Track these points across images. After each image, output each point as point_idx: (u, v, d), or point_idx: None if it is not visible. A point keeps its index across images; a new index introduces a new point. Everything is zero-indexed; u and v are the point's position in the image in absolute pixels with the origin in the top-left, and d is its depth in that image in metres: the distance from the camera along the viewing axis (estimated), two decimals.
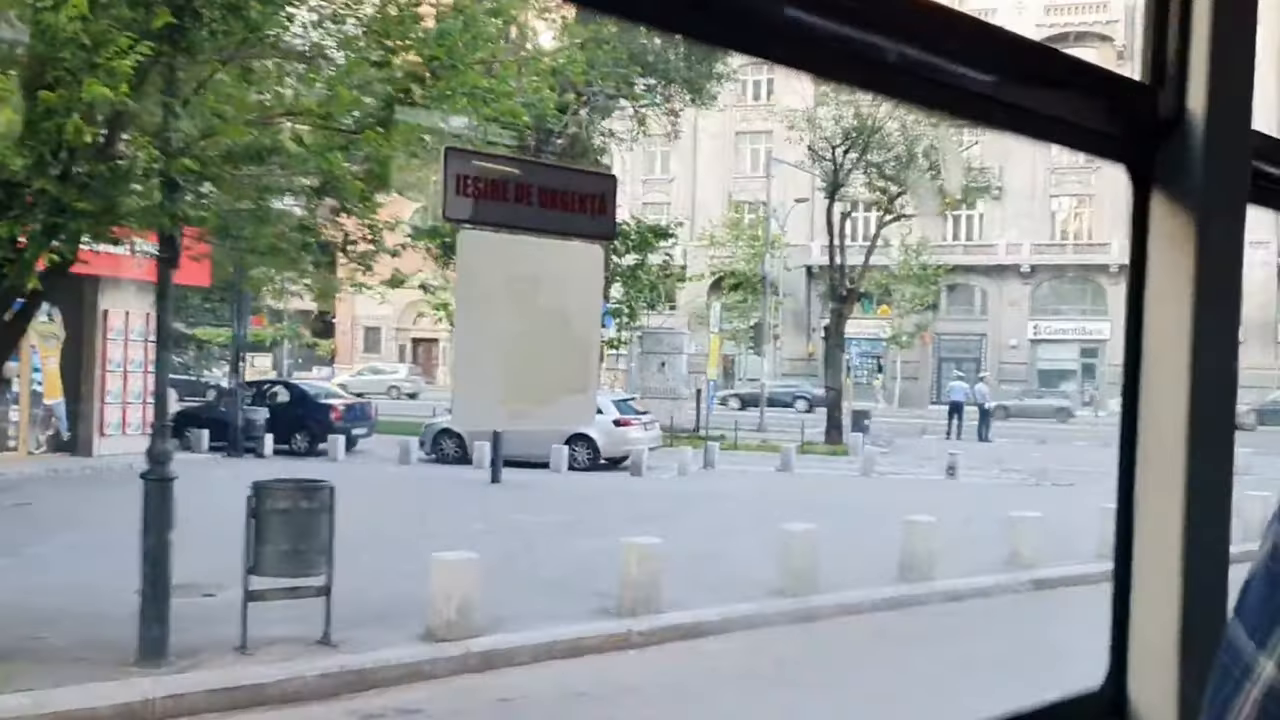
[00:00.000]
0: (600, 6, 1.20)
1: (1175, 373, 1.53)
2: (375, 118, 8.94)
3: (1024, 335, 57.07)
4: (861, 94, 23.01)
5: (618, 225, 28.64)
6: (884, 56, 1.23)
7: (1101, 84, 1.54)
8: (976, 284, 58.19)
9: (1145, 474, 1.58)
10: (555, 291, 2.65)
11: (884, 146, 30.76)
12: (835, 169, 30.94)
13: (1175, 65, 1.54)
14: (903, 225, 50.26)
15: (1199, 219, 1.52)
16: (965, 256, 56.73)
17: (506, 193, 2.75)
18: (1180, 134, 1.53)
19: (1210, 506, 1.55)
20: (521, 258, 2.70)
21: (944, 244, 56.48)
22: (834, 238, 32.07)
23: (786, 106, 38.27)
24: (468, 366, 2.74)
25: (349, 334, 65.54)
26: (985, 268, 57.02)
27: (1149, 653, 1.57)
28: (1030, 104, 1.43)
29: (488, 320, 2.61)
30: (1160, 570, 1.55)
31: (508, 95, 9.66)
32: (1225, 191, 1.56)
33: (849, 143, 30.55)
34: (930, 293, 55.49)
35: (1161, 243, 1.55)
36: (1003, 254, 56.81)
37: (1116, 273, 54.89)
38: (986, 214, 57.44)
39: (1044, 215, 56.96)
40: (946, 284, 57.22)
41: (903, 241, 52.98)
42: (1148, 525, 1.57)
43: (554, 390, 2.66)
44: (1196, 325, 1.51)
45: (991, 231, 57.18)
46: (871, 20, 1.21)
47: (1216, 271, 1.54)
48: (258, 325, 62.79)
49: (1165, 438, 1.54)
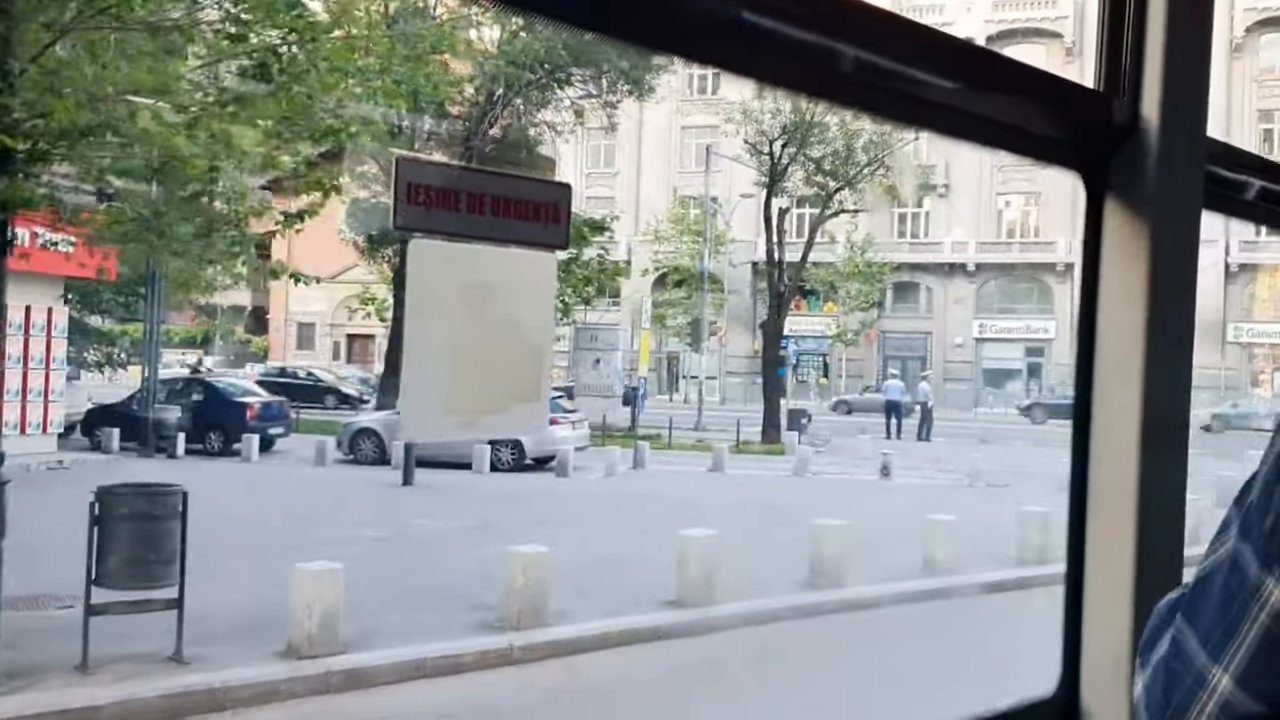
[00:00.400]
0: (549, 14, 1.17)
1: (1128, 378, 1.53)
2: (229, 95, 8.28)
3: (969, 334, 56.87)
4: (816, 102, 23.09)
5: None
6: (840, 63, 1.22)
7: (1056, 92, 1.54)
8: (922, 282, 57.97)
9: (1098, 480, 1.57)
10: (508, 300, 2.63)
11: (822, 141, 30.25)
12: (773, 163, 30.39)
13: (1130, 73, 1.55)
14: (848, 222, 50.24)
15: (1153, 225, 1.53)
16: (911, 254, 56.54)
17: (459, 202, 2.70)
18: (1135, 141, 1.54)
19: (1163, 512, 1.55)
20: (473, 266, 2.68)
21: (890, 241, 56.27)
22: (772, 233, 31.57)
23: (728, 100, 37.81)
24: (417, 376, 2.66)
25: (282, 330, 64.51)
26: (931, 265, 56.82)
27: (1102, 660, 1.56)
28: (985, 112, 1.44)
29: (438, 330, 2.57)
30: (1113, 576, 1.54)
31: (382, 74, 9.01)
32: (1179, 198, 1.56)
33: (787, 137, 30.02)
34: (876, 290, 55.32)
35: (1116, 249, 1.56)
36: (948, 252, 56.62)
37: (1063, 271, 54.85)
38: (933, 211, 57.31)
39: (990, 213, 56.78)
40: (892, 282, 57.04)
41: (848, 238, 52.80)
42: (1100, 531, 1.57)
43: (506, 399, 2.61)
44: (1150, 331, 1.51)
45: (937, 229, 57.00)
46: (828, 26, 1.20)
47: (1170, 277, 1.55)
48: (190, 322, 61.94)
49: (1118, 443, 1.54)
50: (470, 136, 32.05)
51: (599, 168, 62.44)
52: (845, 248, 52.97)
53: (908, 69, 1.30)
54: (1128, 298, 1.54)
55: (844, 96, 1.43)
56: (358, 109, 9.97)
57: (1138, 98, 1.54)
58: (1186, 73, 1.57)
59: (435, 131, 32.64)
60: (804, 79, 1.30)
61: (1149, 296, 1.52)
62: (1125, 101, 1.55)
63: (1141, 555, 1.52)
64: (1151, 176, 1.53)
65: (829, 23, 1.20)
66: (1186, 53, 1.57)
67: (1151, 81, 1.54)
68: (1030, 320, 56.34)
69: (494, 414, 2.63)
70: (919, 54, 1.32)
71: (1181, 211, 1.58)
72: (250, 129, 8.36)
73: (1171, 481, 1.57)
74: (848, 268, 53.94)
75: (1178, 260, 1.57)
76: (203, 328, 61.62)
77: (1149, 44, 1.54)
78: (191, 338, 62.02)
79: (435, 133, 32.58)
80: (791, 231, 57.47)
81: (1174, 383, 1.57)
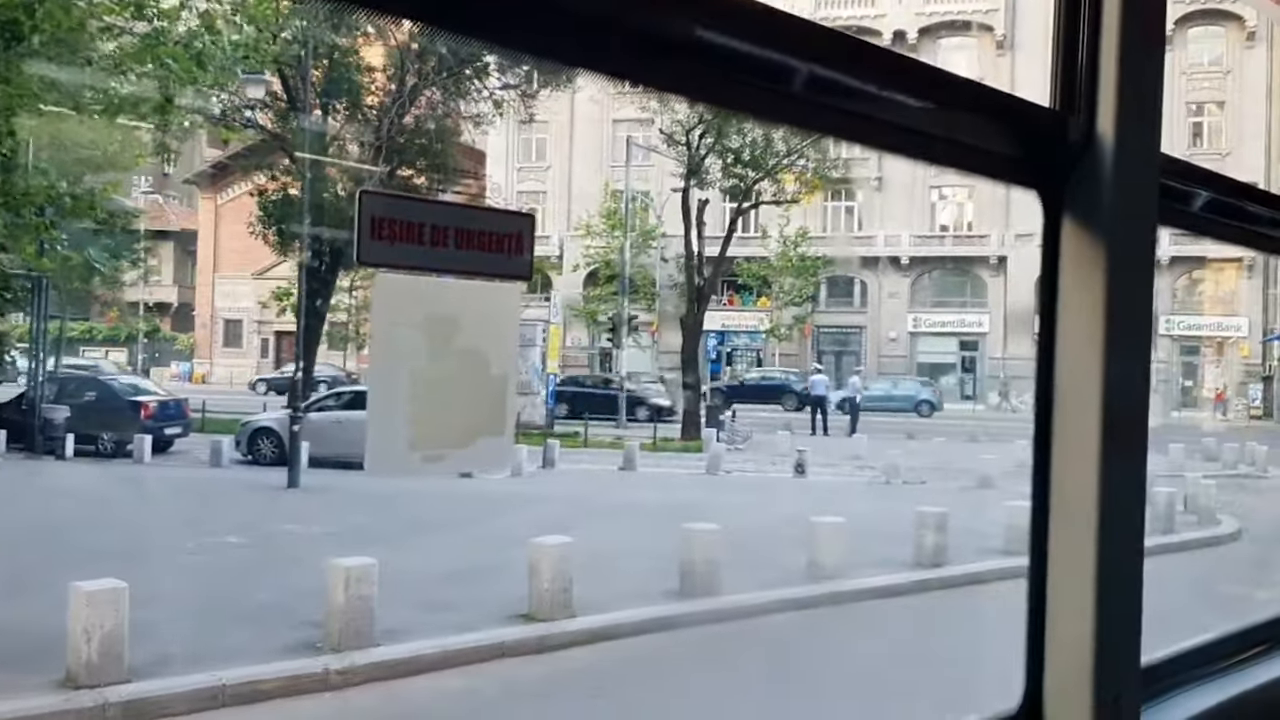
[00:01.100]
0: (493, 39, 1.12)
1: (1088, 388, 1.55)
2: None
3: (903, 328, 56.42)
4: (773, 125, 22.55)
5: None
6: (796, 81, 1.22)
7: (1012, 110, 1.56)
8: (856, 275, 57.49)
9: (1060, 491, 1.58)
10: (472, 333, 2.59)
11: (740, 131, 29.44)
12: (690, 154, 29.56)
13: (1084, 92, 1.57)
14: (780, 215, 49.64)
15: (1110, 239, 1.56)
16: (845, 248, 56.03)
17: (422, 235, 2.68)
18: (1090, 158, 1.56)
19: (1123, 519, 1.58)
20: (437, 299, 2.64)
21: (823, 235, 55.77)
22: (690, 226, 30.76)
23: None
24: (382, 411, 2.61)
25: (208, 327, 63.08)
26: (865, 259, 56.33)
27: (1065, 674, 1.58)
28: (941, 131, 1.46)
29: (402, 364, 2.50)
30: (1075, 592, 1.56)
31: (158, 43, 8.09)
32: (1135, 212, 1.60)
33: (705, 127, 29.18)
34: (809, 284, 54.77)
35: (1073, 263, 1.58)
36: (882, 245, 56.17)
37: (996, 265, 54.60)
38: (866, 205, 56.85)
39: (924, 206, 56.35)
40: (826, 276, 56.54)
41: (780, 232, 52.20)
42: (1062, 546, 1.57)
43: (471, 433, 2.60)
44: (1108, 341, 1.54)
45: (871, 223, 56.51)
46: (785, 43, 1.20)
47: (1127, 289, 1.58)
48: (107, 322, 60.51)
49: (1079, 453, 1.56)
50: (380, 126, 31.04)
51: (530, 161, 61.52)
52: (778, 241, 52.48)
53: (864, 87, 1.30)
54: (1086, 309, 1.56)
55: (800, 117, 1.41)
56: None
57: (1093, 116, 1.56)
58: (1140, 90, 1.59)
59: (350, 119, 31.68)
60: (760, 100, 1.27)
61: (1106, 307, 1.54)
62: (1080, 120, 1.57)
63: (1102, 572, 1.53)
64: (1107, 192, 1.55)
65: (786, 40, 1.19)
66: (1140, 71, 1.59)
67: (1106, 99, 1.56)
68: (964, 314, 56.03)
69: (459, 448, 2.61)
70: (875, 74, 1.32)
71: (1137, 225, 1.61)
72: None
73: (1131, 488, 1.58)
74: (780, 262, 53.41)
75: (1134, 272, 1.60)
76: (127, 326, 60.20)
77: (1103, 63, 1.56)
78: (114, 336, 60.63)
79: (351, 120, 31.62)
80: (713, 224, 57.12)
81: (1132, 392, 1.59)
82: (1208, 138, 51.96)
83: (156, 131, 29.56)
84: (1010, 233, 53.27)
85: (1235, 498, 22.28)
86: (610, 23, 1.07)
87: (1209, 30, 50.56)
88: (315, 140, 29.93)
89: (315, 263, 32.18)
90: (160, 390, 27.46)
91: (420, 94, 31.26)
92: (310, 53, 31.02)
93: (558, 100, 56.34)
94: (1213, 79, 51.49)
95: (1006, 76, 51.43)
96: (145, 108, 7.96)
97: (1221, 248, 45.11)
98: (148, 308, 60.74)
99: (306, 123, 30.07)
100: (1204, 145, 50.80)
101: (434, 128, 34.04)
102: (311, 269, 32.47)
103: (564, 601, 10.03)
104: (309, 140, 30.08)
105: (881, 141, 1.46)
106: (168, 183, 58.52)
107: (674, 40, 1.11)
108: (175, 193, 61.10)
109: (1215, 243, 2.68)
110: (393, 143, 30.97)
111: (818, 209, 56.77)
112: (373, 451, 2.74)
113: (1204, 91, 51.26)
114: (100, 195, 20.04)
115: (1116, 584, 1.57)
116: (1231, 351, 51.65)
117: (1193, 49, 49.65)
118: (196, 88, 30.75)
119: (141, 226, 45.58)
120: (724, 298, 60.71)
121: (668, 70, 1.16)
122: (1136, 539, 1.63)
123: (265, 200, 31.86)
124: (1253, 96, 51.24)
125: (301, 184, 30.85)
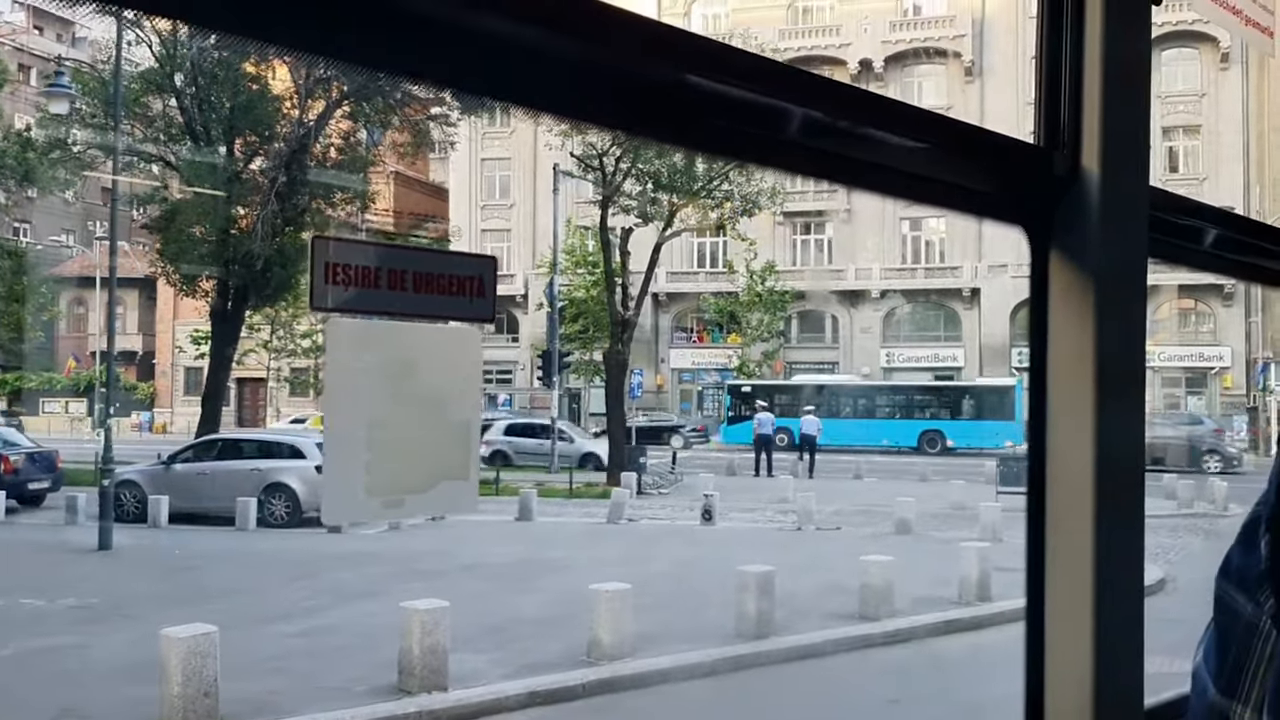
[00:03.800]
0: (487, 94, 1.11)
1: (1081, 427, 1.55)
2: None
3: (876, 364, 54.59)
4: (760, 169, 21.61)
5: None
6: (784, 126, 1.24)
7: (995, 147, 1.56)
8: (827, 310, 55.80)
9: (1055, 530, 1.58)
10: (431, 376, 2.54)
11: (660, 155, 27.76)
12: (605, 178, 27.88)
13: (1069, 126, 1.57)
14: (746, 250, 48.03)
15: (1099, 275, 1.55)
16: (815, 282, 54.41)
17: (379, 280, 2.62)
18: (1076, 194, 1.56)
19: (1122, 558, 1.58)
20: (394, 343, 2.60)
21: (793, 269, 54.19)
22: (610, 255, 29.08)
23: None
24: (338, 457, 2.53)
25: (169, 375, 61.68)
26: (836, 293, 54.67)
27: (1065, 710, 1.58)
28: (925, 171, 1.47)
29: (358, 409, 2.45)
30: (1073, 637, 1.56)
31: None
32: (1124, 249, 1.59)
33: (619, 149, 27.51)
34: (777, 320, 53.09)
35: (1062, 300, 1.57)
36: (852, 279, 54.49)
37: (970, 297, 52.90)
38: (835, 237, 55.24)
39: (894, 239, 54.67)
40: (796, 310, 54.88)
41: (747, 266, 50.57)
42: (1059, 589, 1.58)
43: (431, 477, 2.53)
44: (1100, 380, 1.54)
45: (841, 256, 54.85)
46: (770, 90, 1.22)
47: (1119, 326, 1.57)
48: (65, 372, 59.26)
49: (1073, 494, 1.56)
50: (290, 160, 29.40)
51: (494, 199, 60.21)
52: (745, 275, 50.88)
53: (851, 128, 1.32)
54: (1076, 348, 1.55)
55: (787, 160, 1.42)
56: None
57: (1078, 150, 1.56)
58: (1126, 123, 1.59)
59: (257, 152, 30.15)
60: (744, 144, 1.30)
61: (1097, 345, 1.54)
62: (1065, 154, 1.57)
63: (1101, 603, 1.53)
64: (1095, 227, 1.55)
65: (771, 82, 1.22)
66: (1125, 103, 1.59)
67: (1091, 133, 1.56)
68: (938, 348, 54.23)
69: (419, 493, 2.52)
70: (860, 115, 1.34)
71: (1127, 260, 1.60)
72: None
73: (1129, 528, 1.59)
74: (748, 296, 51.78)
75: (1126, 308, 1.60)
76: (87, 374, 58.94)
77: (1086, 96, 1.56)
78: (74, 386, 59.46)
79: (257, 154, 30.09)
80: (680, 259, 55.54)
81: (1127, 429, 1.59)
82: (1184, 162, 50.26)
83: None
84: (984, 264, 51.63)
85: (1180, 541, 20.43)
86: (600, 71, 1.09)
87: (1182, 53, 48.92)
88: (208, 172, 28.35)
89: (221, 303, 30.56)
90: (27, 442, 25.70)
91: (324, 125, 29.70)
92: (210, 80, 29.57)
93: (519, 136, 55.29)
94: (1188, 103, 49.84)
95: (976, 104, 49.98)
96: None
97: (1196, 275, 43.38)
98: (114, 357, 59.32)
99: (200, 153, 28.55)
100: (1180, 170, 49.13)
101: (358, 156, 32.56)
102: (216, 309, 30.84)
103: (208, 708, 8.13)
104: (202, 172, 28.52)
105: (867, 182, 1.48)
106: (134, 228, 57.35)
107: (663, 87, 1.14)
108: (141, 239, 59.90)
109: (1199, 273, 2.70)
110: (297, 178, 29.36)
111: (786, 242, 55.28)
112: (329, 498, 2.67)
113: (1179, 116, 49.60)
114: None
115: (1117, 624, 1.55)
116: (1214, 383, 49.80)
117: (1166, 72, 47.96)
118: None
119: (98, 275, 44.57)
120: (693, 334, 59.24)
121: (657, 118, 1.18)
122: (1136, 577, 1.60)
123: (166, 238, 30.25)
124: (1229, 120, 49.56)
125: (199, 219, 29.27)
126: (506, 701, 9.13)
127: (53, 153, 29.42)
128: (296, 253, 30.11)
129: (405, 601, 9.47)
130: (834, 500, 24.99)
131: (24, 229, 56.22)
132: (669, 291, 55.94)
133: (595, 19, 1.05)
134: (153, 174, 30.39)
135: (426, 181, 61.48)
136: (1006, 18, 50.92)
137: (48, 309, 46.85)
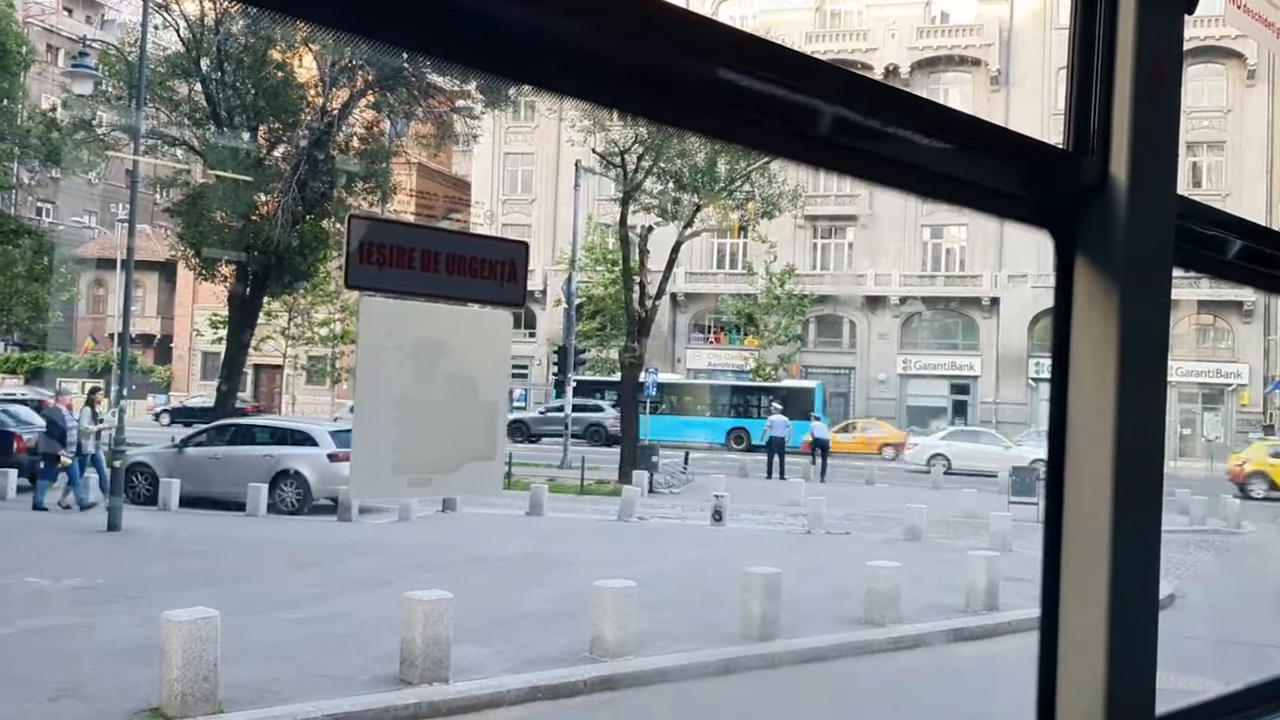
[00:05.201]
0: (529, 80, 1.12)
1: (1101, 435, 1.55)
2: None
3: (893, 369, 54.45)
4: (790, 164, 21.54)
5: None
6: (815, 122, 1.24)
7: (1024, 150, 1.54)
8: (845, 315, 55.67)
9: (1071, 536, 1.58)
10: (461, 358, 2.56)
11: (682, 154, 27.70)
12: (626, 177, 27.81)
13: (1099, 133, 1.57)
14: (767, 253, 47.95)
15: (1123, 282, 1.55)
16: (834, 286, 54.29)
17: (412, 260, 2.63)
18: (1104, 200, 1.56)
19: (1137, 567, 1.57)
20: (426, 324, 2.61)
21: (812, 272, 54.10)
22: (629, 253, 29.03)
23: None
24: (367, 435, 2.52)
25: (186, 359, 61.90)
26: (855, 298, 54.50)
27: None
28: (954, 172, 1.46)
29: (389, 388, 2.47)
30: (1087, 641, 1.56)
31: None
32: (1149, 256, 1.59)
33: (641, 147, 27.44)
34: (795, 323, 52.96)
35: (1086, 306, 1.57)
36: (872, 284, 54.31)
37: (989, 306, 52.72)
38: (856, 242, 55.10)
39: (915, 245, 54.48)
40: (815, 315, 54.76)
41: (767, 269, 50.46)
42: (1074, 594, 1.58)
43: (459, 457, 2.56)
44: (1121, 389, 1.54)
45: (861, 261, 54.68)
46: (801, 84, 1.22)
47: (1141, 335, 1.57)
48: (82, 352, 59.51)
49: (1091, 500, 1.56)
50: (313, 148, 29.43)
51: (515, 193, 60.25)
52: (764, 278, 50.79)
53: (881, 127, 1.32)
54: (1099, 355, 1.56)
55: (818, 157, 1.38)
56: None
57: (1106, 157, 1.57)
58: (1155, 131, 1.59)
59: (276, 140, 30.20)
60: (776, 140, 1.29)
61: (1120, 353, 1.54)
62: (1094, 160, 1.57)
63: (1114, 613, 1.53)
64: (1121, 234, 1.55)
65: (803, 79, 1.22)
66: (1155, 112, 1.59)
67: (1120, 141, 1.55)
68: (955, 356, 54.06)
69: (446, 473, 2.56)
70: (890, 114, 1.34)
71: (1152, 269, 1.60)
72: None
73: (1145, 536, 1.58)
74: (766, 299, 51.68)
75: (1149, 317, 1.60)
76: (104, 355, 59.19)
77: (1116, 104, 1.56)
78: (91, 367, 59.63)
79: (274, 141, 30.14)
80: (700, 260, 55.47)
81: (1147, 437, 1.59)
82: (1207, 178, 49.97)
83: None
84: (1004, 273, 51.46)
85: (1192, 557, 20.32)
86: (636, 65, 1.09)
87: (1209, 68, 48.62)
88: (231, 157, 28.39)
89: (240, 288, 30.62)
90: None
91: (347, 113, 29.73)
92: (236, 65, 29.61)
93: (542, 131, 55.33)
94: (1213, 119, 49.55)
95: (1001, 113, 49.74)
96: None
97: (1215, 291, 43.17)
98: (132, 340, 59.59)
99: (223, 138, 28.59)
100: (1204, 186, 48.83)
101: (384, 147, 32.56)
102: (235, 294, 30.89)
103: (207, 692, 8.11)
104: (225, 157, 28.56)
105: (895, 180, 1.47)
106: (156, 212, 57.62)
107: (697, 81, 1.14)
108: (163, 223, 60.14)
109: (1223, 285, 3.53)
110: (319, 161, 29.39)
111: (806, 245, 55.18)
112: (357, 474, 2.70)
113: (1204, 131, 49.30)
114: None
115: (1130, 631, 1.56)
116: (1231, 400, 49.53)
117: (1192, 87, 47.66)
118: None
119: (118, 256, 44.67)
120: (710, 335, 59.17)
121: (690, 110, 1.18)
122: (1151, 587, 1.61)
123: (188, 221, 30.27)
124: (1253, 137, 49.29)
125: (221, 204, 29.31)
126: (507, 695, 9.11)
127: (77, 133, 29.49)
128: (316, 240, 30.18)
129: (409, 592, 9.47)
130: (845, 505, 24.93)
131: (47, 209, 56.55)
132: (687, 291, 55.94)
133: (629, 8, 1.07)
134: (176, 158, 30.43)
135: (449, 174, 61.64)
136: (1034, 27, 50.75)
137: (67, 289, 47.00)
